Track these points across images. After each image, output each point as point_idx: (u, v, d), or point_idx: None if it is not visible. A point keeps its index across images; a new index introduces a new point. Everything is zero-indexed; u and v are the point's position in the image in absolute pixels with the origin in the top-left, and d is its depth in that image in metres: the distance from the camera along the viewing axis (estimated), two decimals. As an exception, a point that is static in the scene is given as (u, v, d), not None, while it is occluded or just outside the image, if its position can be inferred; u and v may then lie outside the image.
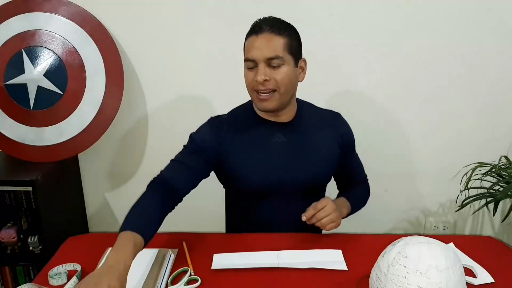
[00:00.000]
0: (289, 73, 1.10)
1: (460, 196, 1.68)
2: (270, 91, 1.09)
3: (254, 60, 1.09)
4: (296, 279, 0.97)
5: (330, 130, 1.23)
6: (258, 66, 1.08)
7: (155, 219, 1.02)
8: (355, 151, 1.34)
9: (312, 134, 1.21)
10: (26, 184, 1.51)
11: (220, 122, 1.22)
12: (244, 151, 1.17)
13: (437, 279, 0.76)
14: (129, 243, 0.88)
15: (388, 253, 0.83)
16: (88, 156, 1.87)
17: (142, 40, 1.72)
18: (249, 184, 1.18)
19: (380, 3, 1.65)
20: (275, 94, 1.10)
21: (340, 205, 1.17)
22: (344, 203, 1.22)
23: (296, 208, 1.19)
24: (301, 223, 1.18)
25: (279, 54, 1.07)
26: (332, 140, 1.23)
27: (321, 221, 1.09)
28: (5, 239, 1.64)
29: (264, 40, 1.08)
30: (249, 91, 1.14)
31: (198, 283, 0.95)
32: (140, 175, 1.92)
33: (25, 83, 1.59)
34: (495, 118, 1.79)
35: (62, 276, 0.97)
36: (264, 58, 1.07)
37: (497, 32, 1.68)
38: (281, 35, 1.09)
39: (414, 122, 1.81)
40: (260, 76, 1.07)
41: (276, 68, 1.08)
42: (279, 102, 1.12)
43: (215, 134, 1.18)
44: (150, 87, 1.79)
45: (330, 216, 1.09)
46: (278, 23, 1.11)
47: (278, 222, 1.21)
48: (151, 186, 1.10)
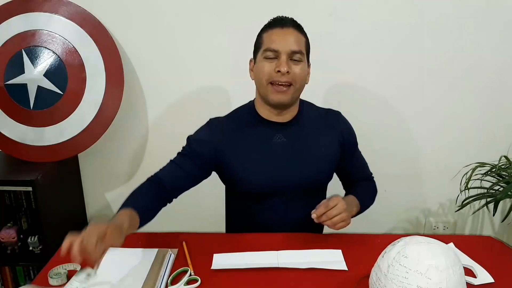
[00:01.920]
0: (305, 70, 1.13)
1: (460, 196, 1.68)
2: (287, 84, 1.11)
3: (277, 51, 1.09)
4: (296, 279, 0.97)
5: (330, 129, 1.23)
6: (280, 58, 1.09)
7: (148, 205, 1.08)
8: (357, 149, 1.32)
9: (312, 134, 1.21)
10: (26, 184, 1.51)
11: (219, 123, 1.22)
12: (244, 152, 1.17)
13: (437, 279, 0.76)
14: (125, 214, 0.97)
15: (388, 253, 0.83)
16: (88, 156, 1.87)
17: (142, 40, 1.72)
18: (249, 185, 1.18)
19: (380, 3, 1.65)
20: (291, 88, 1.12)
21: (350, 204, 1.14)
22: (353, 201, 1.19)
23: (297, 208, 1.20)
24: (301, 223, 1.18)
25: (302, 50, 1.11)
26: (332, 139, 1.23)
27: (332, 220, 1.06)
28: (5, 239, 1.64)
29: (290, 33, 1.10)
30: (263, 83, 1.12)
31: (198, 283, 0.95)
32: (140, 175, 1.92)
33: (25, 83, 1.59)
34: (495, 118, 1.79)
35: (62, 276, 0.97)
36: (289, 50, 1.09)
37: (497, 33, 1.68)
38: (302, 34, 1.13)
39: (414, 123, 1.81)
40: (284, 67, 1.08)
41: (297, 63, 1.11)
42: (292, 97, 1.13)
43: (213, 137, 1.19)
44: (150, 87, 1.79)
45: (341, 215, 1.06)
46: (297, 22, 1.14)
47: (279, 222, 1.21)
48: (146, 182, 1.16)
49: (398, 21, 1.68)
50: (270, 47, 1.10)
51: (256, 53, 1.16)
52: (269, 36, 1.12)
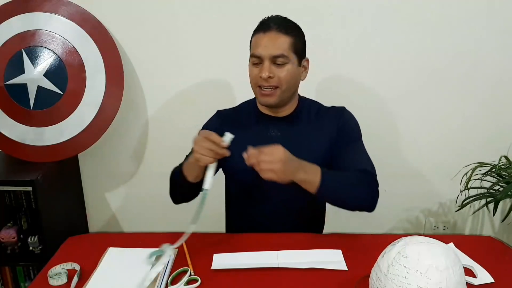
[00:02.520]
0: (292, 71, 1.13)
1: (460, 196, 1.68)
2: (273, 87, 1.13)
3: (259, 57, 1.12)
4: (296, 279, 0.97)
5: (329, 124, 1.22)
6: (263, 63, 1.12)
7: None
8: (357, 142, 1.23)
9: (307, 129, 1.21)
10: (26, 184, 1.51)
11: (226, 113, 1.29)
12: (240, 144, 1.17)
13: (437, 279, 0.76)
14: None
15: (388, 253, 0.83)
16: (88, 156, 1.87)
17: (142, 39, 1.73)
18: (243, 177, 1.19)
19: (380, 3, 1.65)
20: (277, 91, 1.14)
21: (295, 161, 1.03)
22: (309, 167, 1.05)
23: (294, 204, 1.20)
24: (301, 223, 1.18)
25: (284, 53, 1.11)
26: (328, 134, 1.21)
27: (260, 164, 0.98)
28: (5, 239, 1.64)
29: (270, 38, 1.11)
30: (252, 86, 1.18)
31: (198, 283, 0.95)
32: (140, 175, 1.92)
33: (25, 83, 1.59)
34: (495, 118, 1.79)
35: (62, 276, 0.96)
36: (269, 56, 1.11)
37: (497, 32, 1.68)
38: (287, 35, 1.12)
39: (414, 122, 1.81)
40: (265, 73, 1.11)
41: (280, 66, 1.12)
42: (280, 98, 1.15)
43: (222, 124, 1.24)
44: (150, 87, 1.79)
45: (272, 164, 0.98)
46: (285, 22, 1.14)
47: (276, 220, 1.22)
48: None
49: (398, 21, 1.68)
50: (254, 53, 1.13)
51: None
52: (254, 41, 1.15)
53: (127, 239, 1.16)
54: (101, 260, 1.04)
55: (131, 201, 1.96)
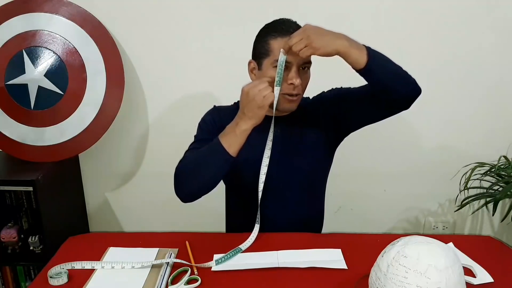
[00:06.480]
0: (309, 75, 1.13)
1: (459, 196, 1.68)
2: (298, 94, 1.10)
3: (289, 62, 1.06)
4: (296, 279, 0.98)
5: (320, 116, 1.22)
6: (291, 69, 1.07)
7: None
8: (345, 88, 1.25)
9: (305, 126, 1.21)
10: (27, 184, 1.52)
11: (225, 108, 1.25)
12: None
13: (437, 278, 0.76)
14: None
15: (388, 252, 0.83)
16: (89, 156, 1.87)
17: (142, 40, 1.73)
18: (244, 176, 1.18)
19: (380, 3, 1.66)
20: (299, 96, 1.13)
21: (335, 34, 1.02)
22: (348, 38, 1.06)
23: (295, 203, 1.20)
24: (301, 222, 1.18)
25: (310, 59, 1.10)
26: (323, 125, 1.21)
27: (295, 47, 0.98)
28: (5, 239, 1.64)
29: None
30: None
31: (198, 283, 0.96)
32: (140, 175, 1.92)
33: (25, 83, 1.59)
34: (495, 118, 1.79)
35: (63, 276, 0.97)
36: (301, 62, 1.07)
37: (497, 32, 1.68)
38: None
39: (414, 122, 1.81)
40: (297, 79, 1.07)
41: (305, 71, 1.11)
42: (299, 103, 1.14)
43: (220, 116, 1.21)
44: (150, 87, 1.80)
45: (305, 41, 0.97)
46: (299, 26, 1.09)
47: (277, 219, 1.21)
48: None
49: (398, 21, 1.68)
50: (284, 59, 1.06)
51: (260, 57, 1.12)
52: (273, 46, 1.08)
53: (128, 239, 1.16)
54: (101, 259, 1.05)
55: (131, 201, 1.96)
